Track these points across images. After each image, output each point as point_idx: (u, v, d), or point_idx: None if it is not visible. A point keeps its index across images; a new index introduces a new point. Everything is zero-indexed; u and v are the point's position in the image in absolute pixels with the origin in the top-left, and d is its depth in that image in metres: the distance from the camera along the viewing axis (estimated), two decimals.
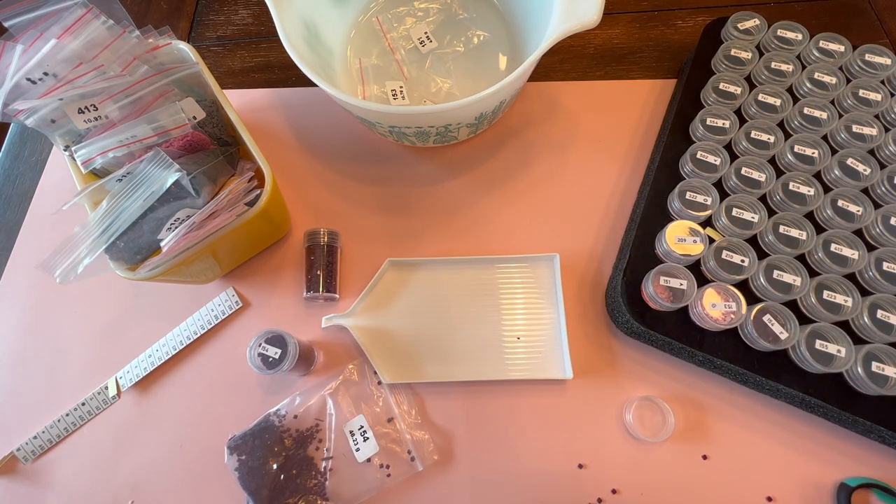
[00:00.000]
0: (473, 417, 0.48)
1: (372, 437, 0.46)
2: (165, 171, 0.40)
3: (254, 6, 0.72)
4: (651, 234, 0.48)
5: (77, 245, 0.40)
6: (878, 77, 0.52)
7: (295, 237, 0.56)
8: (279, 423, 0.47)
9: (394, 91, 0.59)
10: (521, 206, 0.56)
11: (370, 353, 0.49)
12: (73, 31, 0.43)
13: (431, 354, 0.49)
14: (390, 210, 0.57)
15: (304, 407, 0.48)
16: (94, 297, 0.55)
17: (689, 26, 0.64)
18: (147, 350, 0.52)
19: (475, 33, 0.62)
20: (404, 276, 0.53)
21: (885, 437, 0.42)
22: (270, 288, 0.54)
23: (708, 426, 0.46)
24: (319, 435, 0.47)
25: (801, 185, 0.48)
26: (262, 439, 0.47)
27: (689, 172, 0.49)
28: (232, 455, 0.46)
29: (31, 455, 0.50)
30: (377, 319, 0.51)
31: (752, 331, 0.42)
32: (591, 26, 0.43)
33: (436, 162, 0.59)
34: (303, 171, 0.59)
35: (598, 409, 0.47)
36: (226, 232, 0.44)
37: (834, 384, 0.42)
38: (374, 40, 0.63)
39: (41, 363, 0.53)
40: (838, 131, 0.50)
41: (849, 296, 0.43)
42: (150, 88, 0.46)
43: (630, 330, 0.47)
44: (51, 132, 0.45)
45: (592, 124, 0.59)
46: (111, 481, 0.48)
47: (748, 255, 0.45)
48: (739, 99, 0.52)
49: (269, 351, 0.44)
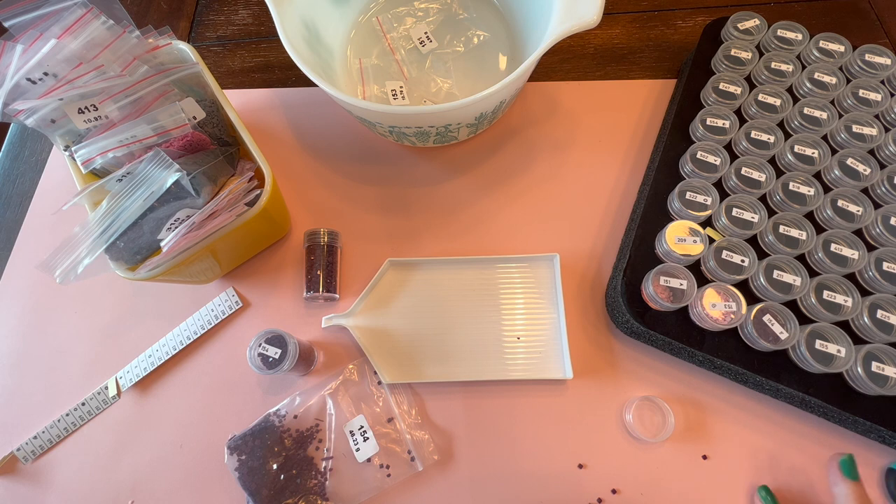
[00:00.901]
0: (473, 418, 0.48)
1: (372, 437, 0.46)
2: (165, 171, 0.40)
3: (254, 6, 0.72)
4: (651, 234, 0.48)
5: (77, 245, 0.40)
6: (878, 77, 0.52)
7: (295, 237, 0.56)
8: (279, 423, 0.47)
9: (394, 91, 0.59)
10: (522, 206, 0.56)
11: (370, 353, 0.49)
12: (73, 31, 0.43)
13: (431, 354, 0.49)
14: (390, 210, 0.57)
15: (304, 407, 0.48)
16: (94, 297, 0.55)
17: (689, 26, 0.64)
18: (147, 350, 0.52)
19: (475, 33, 0.62)
20: (404, 276, 0.53)
21: (885, 437, 0.42)
22: (270, 288, 0.54)
23: (708, 426, 0.46)
24: (319, 435, 0.47)
25: (801, 185, 0.48)
26: (262, 439, 0.47)
27: (689, 172, 0.49)
28: (232, 455, 0.46)
29: (31, 455, 0.50)
30: (377, 319, 0.51)
31: (752, 331, 0.42)
32: (591, 26, 0.43)
33: (436, 162, 0.59)
34: (303, 171, 0.59)
35: (598, 409, 0.47)
36: (226, 232, 0.44)
37: (834, 384, 0.42)
38: (374, 40, 0.63)
39: (41, 363, 0.53)
40: (838, 131, 0.50)
41: (849, 296, 0.43)
42: (150, 88, 0.46)
43: (630, 330, 0.47)
44: (51, 132, 0.45)
45: (592, 124, 0.59)
46: (111, 481, 0.48)
47: (748, 255, 0.45)
48: (739, 99, 0.52)
49: (270, 351, 0.44)
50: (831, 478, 0.40)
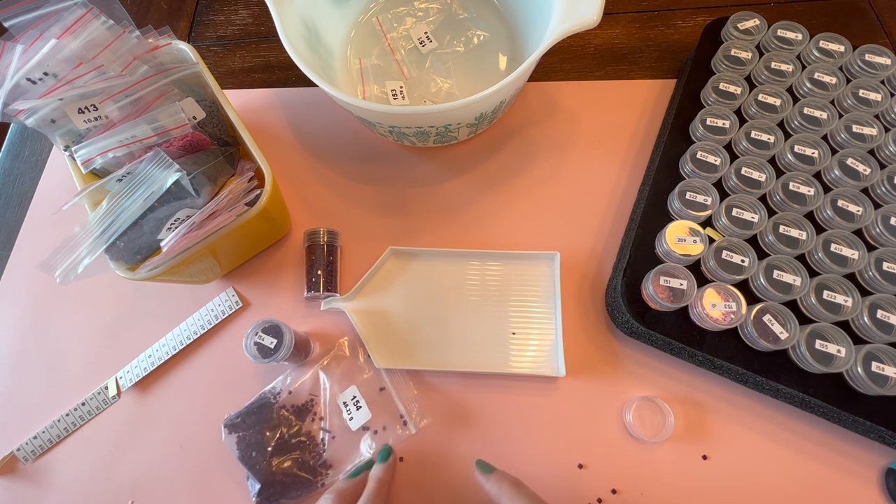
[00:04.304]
0: (465, 411, 0.48)
1: (365, 405, 0.47)
2: (165, 171, 0.40)
3: (254, 6, 0.72)
4: (651, 234, 0.48)
5: (77, 245, 0.40)
6: (878, 77, 0.52)
7: (295, 237, 0.56)
8: (274, 399, 0.48)
9: (394, 91, 0.59)
10: (522, 206, 0.56)
11: (366, 340, 0.49)
12: (73, 31, 0.43)
13: (426, 343, 0.50)
14: (390, 210, 0.57)
15: (298, 383, 0.49)
16: (94, 297, 0.55)
17: (689, 26, 0.64)
18: (147, 350, 0.52)
19: (475, 33, 0.62)
20: (405, 266, 0.53)
21: (885, 437, 0.42)
22: (270, 288, 0.54)
23: (708, 426, 0.46)
24: (315, 409, 0.48)
25: (801, 185, 0.48)
26: (258, 416, 0.48)
27: (689, 172, 0.49)
28: (231, 434, 0.47)
29: (31, 455, 0.50)
30: (375, 305, 0.51)
31: (752, 331, 0.42)
32: (591, 26, 0.43)
33: (436, 162, 0.59)
34: (303, 171, 0.59)
35: (597, 409, 0.47)
36: (226, 232, 0.44)
37: (834, 384, 0.42)
38: (374, 40, 0.63)
39: (41, 363, 0.53)
40: (838, 131, 0.50)
41: (849, 296, 0.43)
42: (150, 88, 0.46)
43: (630, 330, 0.47)
44: (51, 132, 0.45)
45: (592, 124, 0.59)
46: (111, 481, 0.48)
47: (748, 255, 0.45)
48: (739, 99, 0.52)
49: (266, 340, 0.45)
50: (479, 481, 0.40)
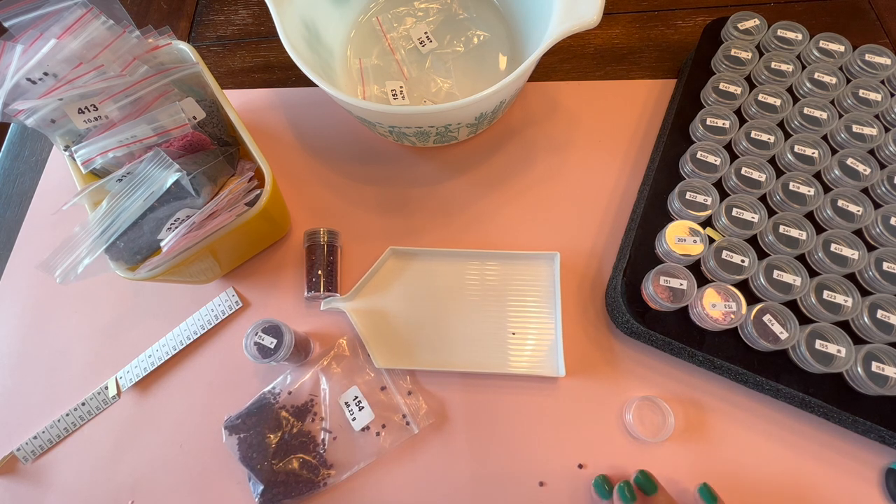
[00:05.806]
0: (466, 411, 0.48)
1: (367, 405, 0.47)
2: (165, 171, 0.40)
3: (254, 6, 0.72)
4: (651, 234, 0.48)
5: (77, 245, 0.40)
6: (878, 77, 0.52)
7: (295, 237, 0.56)
8: (274, 400, 0.48)
9: (394, 91, 0.59)
10: (521, 206, 0.56)
11: (366, 339, 0.49)
12: (73, 31, 0.43)
13: (426, 343, 0.50)
14: (390, 210, 0.56)
15: (298, 383, 0.49)
16: (94, 297, 0.55)
17: (689, 26, 0.64)
18: (147, 350, 0.52)
19: (475, 33, 0.62)
20: (405, 266, 0.53)
21: (885, 437, 0.42)
22: (270, 288, 0.54)
23: (708, 426, 0.46)
24: (315, 408, 0.48)
25: (801, 185, 0.48)
26: (259, 416, 0.47)
27: (689, 172, 0.49)
28: (231, 435, 0.47)
29: (31, 455, 0.50)
30: (375, 305, 0.51)
31: (752, 331, 0.42)
32: (591, 26, 0.43)
33: (436, 162, 0.59)
34: (303, 171, 0.59)
35: (597, 409, 0.47)
36: (226, 232, 0.44)
37: (834, 384, 0.42)
38: (374, 40, 0.63)
39: (41, 363, 0.53)
40: (838, 131, 0.50)
41: (849, 296, 0.43)
42: (150, 88, 0.46)
43: (630, 330, 0.47)
44: (51, 132, 0.45)
45: (592, 124, 0.59)
46: (111, 481, 0.48)
47: (748, 255, 0.45)
48: (739, 99, 0.52)
49: (265, 340, 0.45)
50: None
